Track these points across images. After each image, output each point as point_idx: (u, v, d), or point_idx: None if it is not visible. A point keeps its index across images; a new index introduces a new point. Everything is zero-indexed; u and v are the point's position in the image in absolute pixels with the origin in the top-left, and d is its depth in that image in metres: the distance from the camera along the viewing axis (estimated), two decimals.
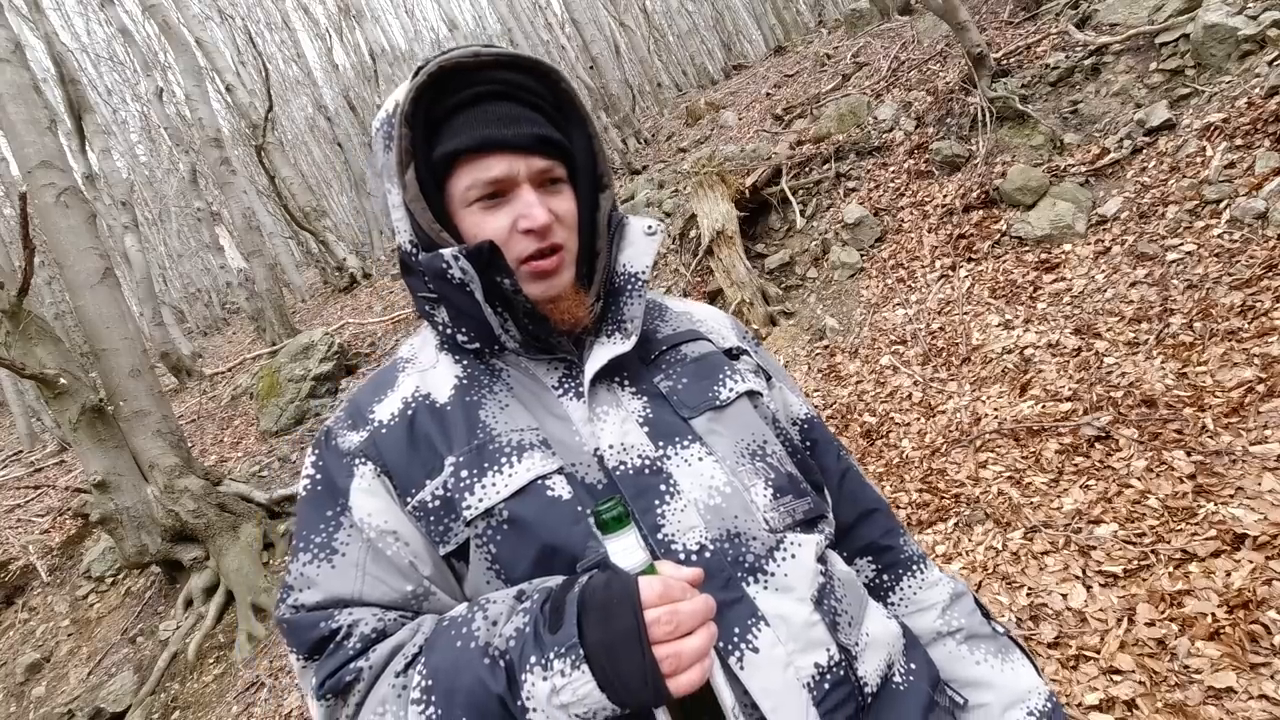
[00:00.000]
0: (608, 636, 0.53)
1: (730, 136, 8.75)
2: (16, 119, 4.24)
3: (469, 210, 0.70)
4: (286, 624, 0.66)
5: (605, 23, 16.28)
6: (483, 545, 0.65)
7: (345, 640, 0.63)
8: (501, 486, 0.65)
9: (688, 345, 0.80)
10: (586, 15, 13.05)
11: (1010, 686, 0.76)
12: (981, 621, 0.81)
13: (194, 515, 4.47)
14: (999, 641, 0.80)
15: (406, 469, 0.68)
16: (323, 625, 0.64)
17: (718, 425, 0.73)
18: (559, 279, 0.71)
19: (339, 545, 0.67)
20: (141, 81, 15.90)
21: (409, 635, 0.64)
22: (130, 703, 4.12)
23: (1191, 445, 2.36)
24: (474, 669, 0.56)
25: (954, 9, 4.79)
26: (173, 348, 9.90)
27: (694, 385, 0.75)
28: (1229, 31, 3.87)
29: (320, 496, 0.70)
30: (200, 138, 9.42)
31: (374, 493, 0.68)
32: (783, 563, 0.67)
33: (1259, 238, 3.04)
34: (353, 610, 0.64)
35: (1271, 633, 1.72)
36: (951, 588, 0.82)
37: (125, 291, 8.55)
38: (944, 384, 3.53)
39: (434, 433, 0.69)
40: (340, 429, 0.72)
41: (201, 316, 20.41)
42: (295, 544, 0.69)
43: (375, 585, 0.66)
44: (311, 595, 0.66)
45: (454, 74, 0.68)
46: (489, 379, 0.73)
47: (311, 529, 0.68)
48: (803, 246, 5.36)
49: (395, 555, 0.66)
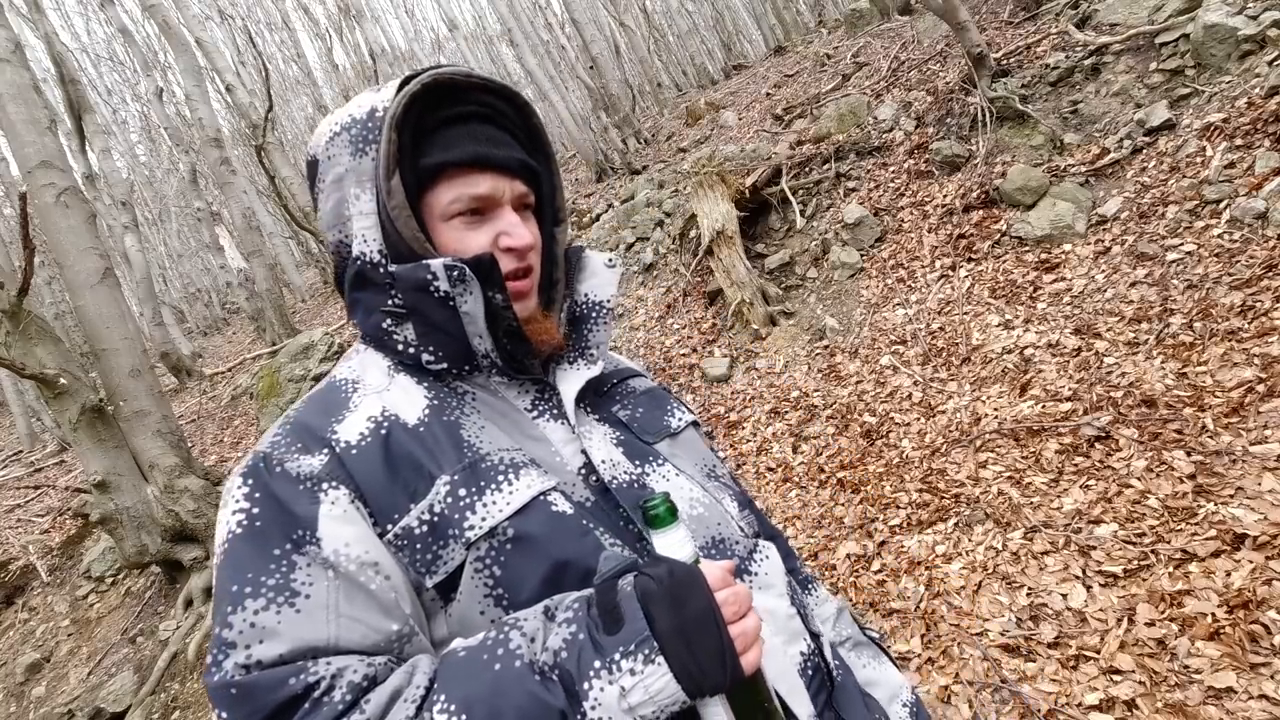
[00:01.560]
0: (681, 622, 0.53)
1: (730, 136, 8.75)
2: (16, 119, 4.24)
3: (449, 224, 0.69)
4: (238, 688, 0.52)
5: (605, 23, 16.28)
6: (484, 568, 0.61)
7: (328, 695, 0.52)
8: (504, 504, 0.62)
9: (634, 379, 0.86)
10: (586, 15, 13.04)
11: (889, 682, 0.85)
12: (859, 630, 0.90)
13: (194, 515, 4.47)
14: (874, 647, 0.89)
15: (385, 493, 0.62)
16: (293, 682, 0.52)
17: (676, 450, 0.78)
18: (529, 301, 0.74)
19: (299, 586, 0.56)
20: (141, 81, 15.91)
21: (405, 679, 0.55)
22: (130, 703, 4.12)
23: (1191, 445, 2.36)
24: (522, 688, 0.52)
25: (954, 9, 4.79)
26: (173, 348, 9.90)
27: (649, 414, 0.80)
28: (1229, 31, 3.87)
29: (263, 533, 0.59)
30: (200, 138, 9.42)
31: (349, 520, 0.60)
32: (761, 563, 0.73)
33: (1259, 238, 3.04)
34: (330, 660, 0.54)
35: (1271, 633, 1.72)
36: (837, 603, 0.92)
37: (125, 291, 8.55)
38: (944, 384, 3.53)
39: (417, 452, 0.64)
40: (287, 454, 0.63)
41: (201, 316, 20.40)
42: (231, 594, 0.56)
43: (352, 627, 0.56)
44: (272, 648, 0.54)
45: (444, 89, 0.69)
46: (456, 400, 0.70)
47: (257, 571, 0.57)
48: (803, 246, 5.36)
49: (379, 590, 0.58)
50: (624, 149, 11.19)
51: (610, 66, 12.71)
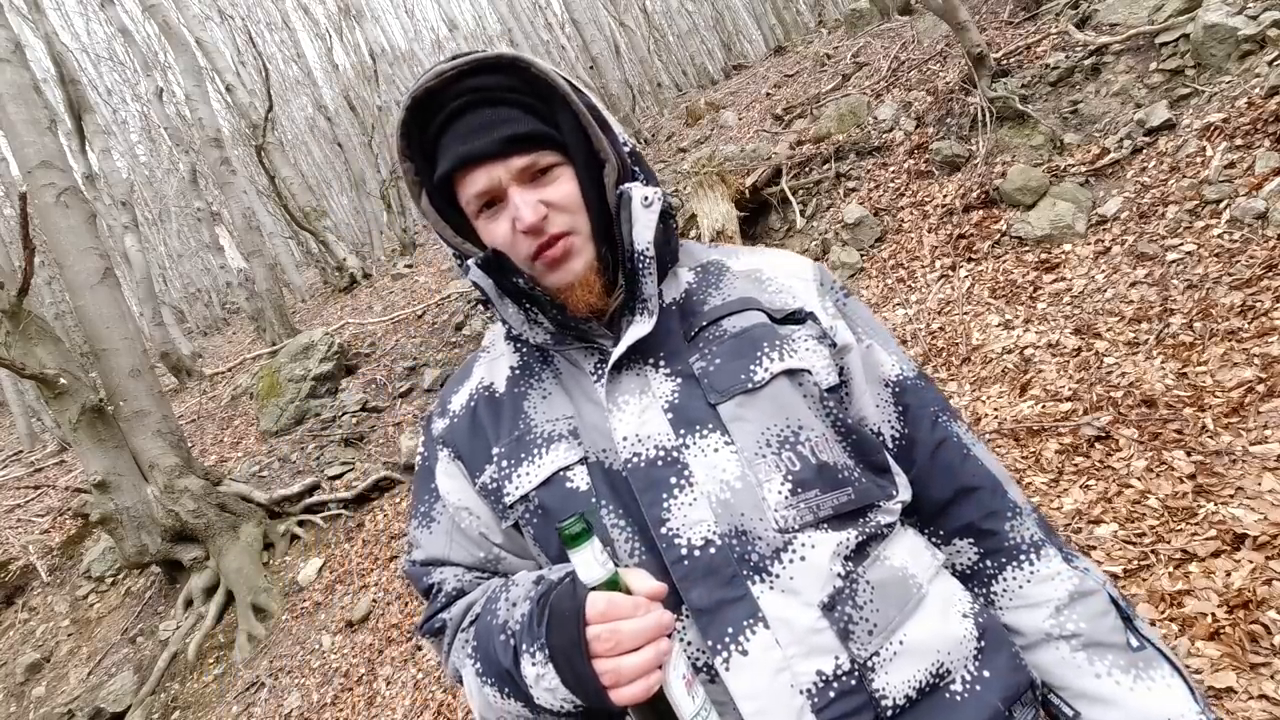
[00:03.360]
0: (562, 644, 0.59)
1: (730, 136, 8.75)
2: (16, 119, 4.24)
3: (479, 221, 0.73)
4: (407, 574, 0.84)
5: (605, 23, 16.28)
6: (526, 524, 0.74)
7: (437, 594, 0.79)
8: (532, 476, 0.72)
9: (732, 318, 0.75)
10: (586, 15, 13.05)
11: (1143, 709, 0.65)
12: (1113, 628, 0.69)
13: (194, 515, 4.47)
14: (1135, 654, 0.68)
15: (472, 455, 0.78)
16: (424, 580, 0.81)
17: (746, 410, 0.68)
18: (572, 265, 0.71)
19: (436, 515, 0.81)
20: (141, 81, 15.91)
21: (480, 595, 0.76)
22: (130, 703, 4.12)
23: (1191, 445, 2.36)
24: (494, 642, 0.66)
25: (954, 9, 4.79)
26: (173, 348, 9.90)
27: (727, 365, 0.71)
28: (1229, 31, 3.86)
29: (424, 473, 0.83)
30: (200, 138, 9.42)
31: (451, 475, 0.80)
32: (789, 564, 0.63)
33: (1259, 238, 3.04)
34: (443, 569, 0.80)
35: (1271, 633, 1.72)
36: (1074, 584, 0.71)
37: (125, 291, 8.54)
38: (944, 384, 3.53)
39: (488, 423, 0.78)
40: (435, 416, 0.84)
41: (201, 316, 20.41)
42: (410, 510, 0.85)
43: (459, 550, 0.80)
44: (419, 554, 0.82)
45: (430, 97, 0.70)
46: (540, 367, 0.79)
47: (419, 499, 0.83)
48: (803, 246, 5.36)
49: (469, 527, 0.79)
50: None
51: (610, 66, 12.72)
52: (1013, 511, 0.75)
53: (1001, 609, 0.74)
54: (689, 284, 0.80)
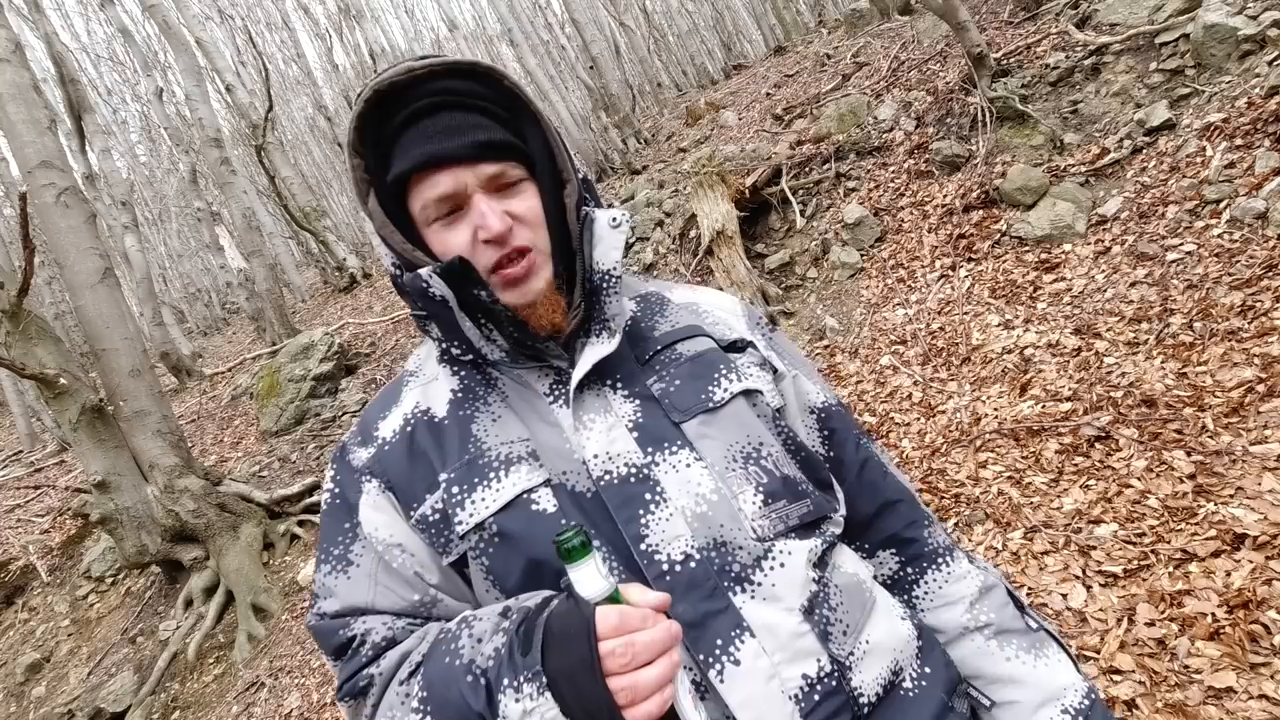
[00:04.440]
0: (567, 666, 0.54)
1: (730, 136, 8.75)
2: (16, 119, 4.24)
3: (432, 229, 0.69)
4: (313, 630, 0.72)
5: (605, 23, 16.27)
6: (477, 557, 0.67)
7: (360, 647, 0.68)
8: (490, 501, 0.66)
9: (684, 343, 0.78)
10: (586, 15, 13.03)
11: (1044, 683, 0.72)
12: (1014, 615, 0.77)
13: (194, 515, 4.47)
14: (1033, 636, 0.75)
15: (408, 484, 0.71)
16: (341, 633, 0.69)
17: (710, 429, 0.71)
18: (532, 283, 0.69)
19: (354, 557, 0.72)
20: (141, 81, 15.90)
21: (416, 643, 0.67)
22: (130, 703, 4.12)
23: (1191, 445, 2.36)
24: (459, 685, 0.59)
25: (954, 9, 4.79)
26: (173, 348, 9.90)
27: (687, 386, 0.73)
28: (1229, 31, 3.86)
29: (338, 510, 0.74)
30: (200, 138, 9.42)
31: (379, 508, 0.71)
32: (770, 572, 0.65)
33: (1259, 238, 3.04)
34: (366, 619, 0.69)
35: (1271, 633, 1.72)
36: (981, 580, 0.78)
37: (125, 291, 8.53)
38: (944, 384, 3.53)
39: (430, 449, 0.71)
40: (353, 445, 0.76)
41: (201, 316, 20.40)
42: (318, 554, 0.74)
43: (385, 595, 0.70)
44: (332, 604, 0.71)
45: (393, 93, 0.67)
46: (484, 390, 0.74)
47: (330, 541, 0.73)
48: (803, 246, 5.36)
49: (401, 566, 0.70)
50: (624, 149, 11.19)
51: (610, 66, 12.71)
52: (927, 520, 0.82)
53: (923, 611, 0.79)
54: (634, 312, 0.82)
